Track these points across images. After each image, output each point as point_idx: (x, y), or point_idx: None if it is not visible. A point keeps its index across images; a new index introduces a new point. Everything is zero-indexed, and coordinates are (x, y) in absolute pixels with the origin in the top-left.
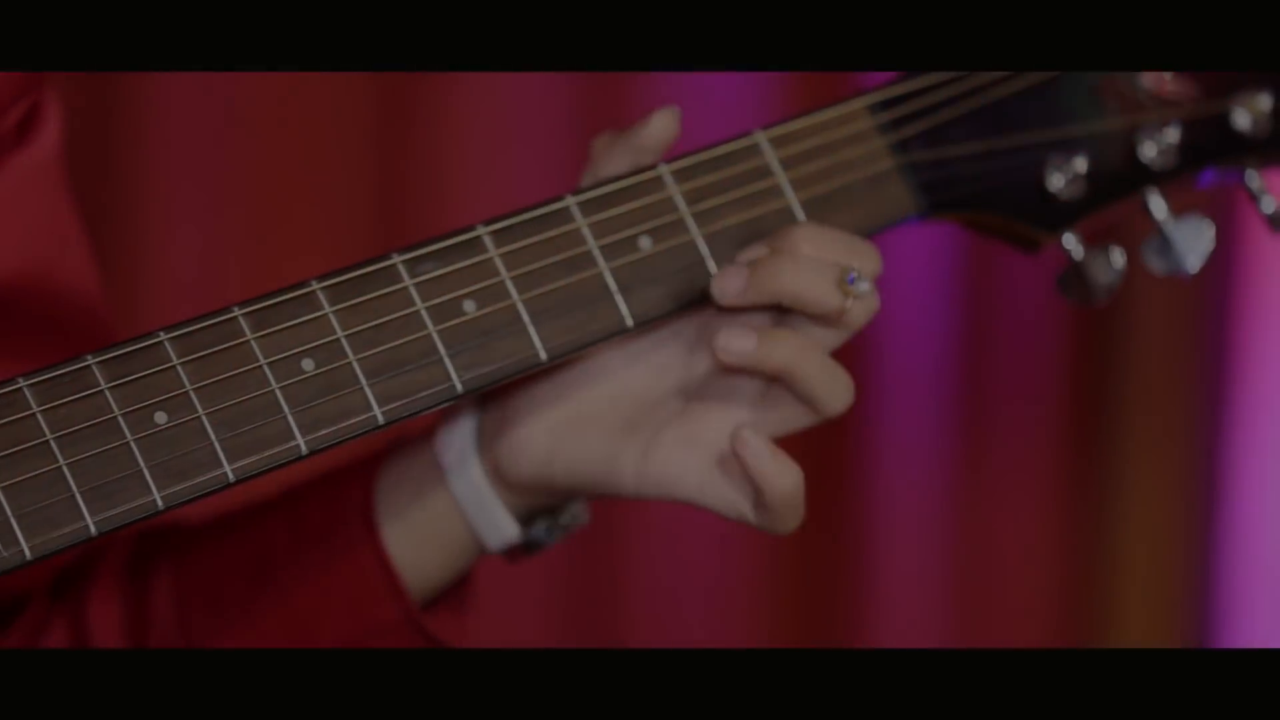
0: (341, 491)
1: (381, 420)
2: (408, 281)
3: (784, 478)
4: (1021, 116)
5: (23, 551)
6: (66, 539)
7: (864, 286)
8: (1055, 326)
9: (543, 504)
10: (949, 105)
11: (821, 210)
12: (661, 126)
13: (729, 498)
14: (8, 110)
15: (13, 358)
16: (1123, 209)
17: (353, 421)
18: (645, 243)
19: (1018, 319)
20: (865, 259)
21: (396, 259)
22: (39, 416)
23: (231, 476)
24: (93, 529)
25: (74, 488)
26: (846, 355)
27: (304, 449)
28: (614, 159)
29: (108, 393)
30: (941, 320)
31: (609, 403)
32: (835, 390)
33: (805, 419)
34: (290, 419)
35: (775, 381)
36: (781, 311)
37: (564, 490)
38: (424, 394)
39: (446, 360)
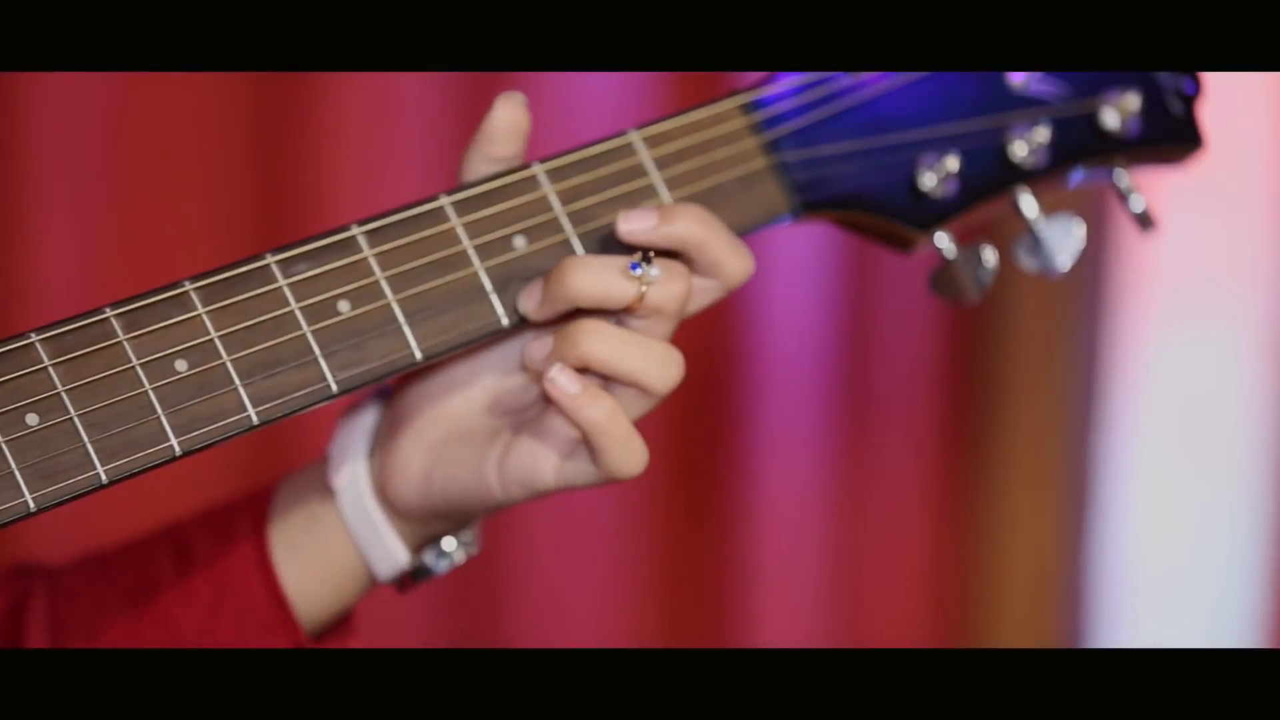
0: (230, 522)
1: (255, 421)
2: (282, 282)
3: (594, 408)
4: (893, 116)
5: None
6: None
7: (654, 272)
8: (932, 327)
9: (432, 532)
10: (821, 105)
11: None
12: (505, 113)
13: (581, 469)
14: None
15: None
16: (994, 208)
17: (227, 422)
18: (520, 242)
19: (895, 319)
20: (739, 258)
21: (270, 259)
22: None
23: (104, 478)
24: None
25: None
26: (728, 357)
27: (178, 450)
28: (474, 163)
29: None
30: (819, 321)
31: (479, 412)
32: (650, 367)
33: (643, 401)
34: (164, 420)
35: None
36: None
37: (445, 510)
38: (299, 394)
39: (321, 361)
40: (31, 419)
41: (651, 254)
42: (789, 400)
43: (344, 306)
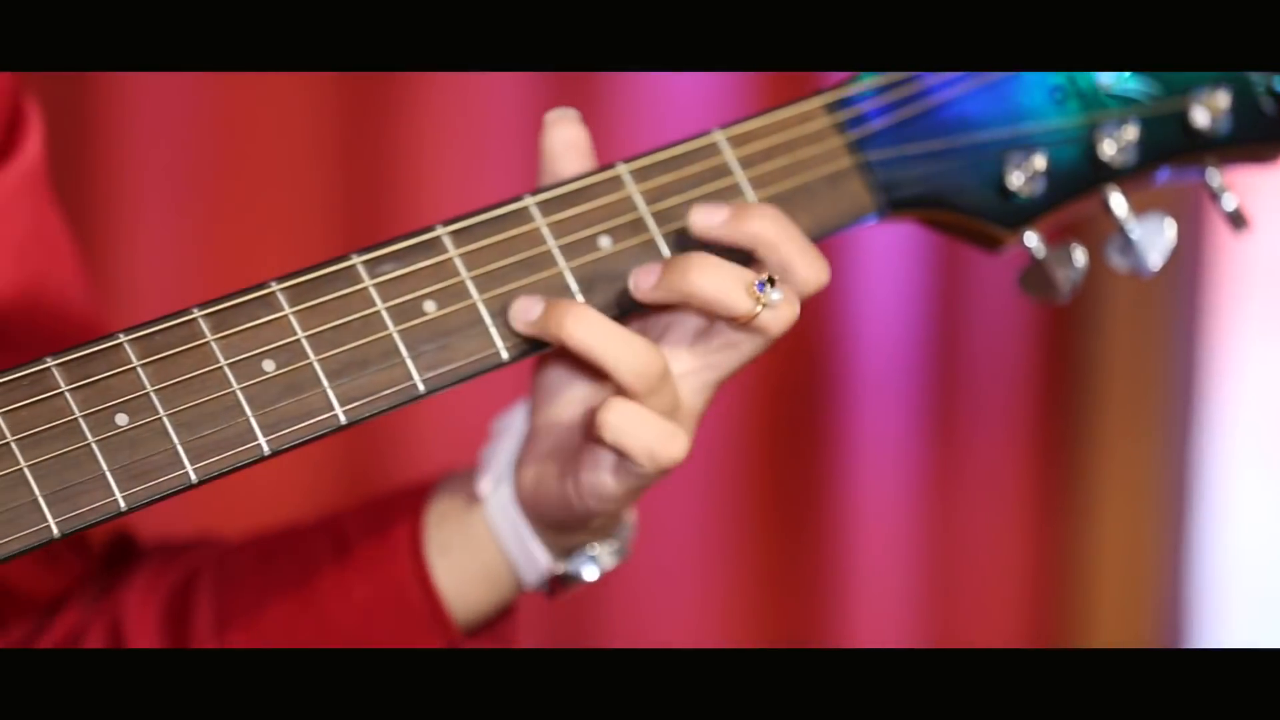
0: (388, 520)
1: (344, 420)
2: (368, 282)
3: (666, 447)
4: (979, 114)
5: None
6: (28, 540)
7: (775, 295)
8: (1024, 326)
9: (576, 541)
10: (906, 104)
11: (780, 209)
12: (559, 134)
13: (631, 469)
14: None
15: None
16: (1083, 207)
17: (315, 421)
18: (605, 242)
19: (988, 320)
20: (812, 265)
21: (356, 260)
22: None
23: (194, 477)
24: (55, 530)
25: (36, 490)
26: (819, 359)
27: (266, 450)
28: (544, 180)
29: (68, 395)
30: (912, 322)
31: (573, 422)
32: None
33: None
34: (252, 420)
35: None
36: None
37: (553, 521)
38: (386, 394)
39: (409, 361)
40: (121, 419)
41: (775, 277)
42: (881, 401)
43: (430, 306)
